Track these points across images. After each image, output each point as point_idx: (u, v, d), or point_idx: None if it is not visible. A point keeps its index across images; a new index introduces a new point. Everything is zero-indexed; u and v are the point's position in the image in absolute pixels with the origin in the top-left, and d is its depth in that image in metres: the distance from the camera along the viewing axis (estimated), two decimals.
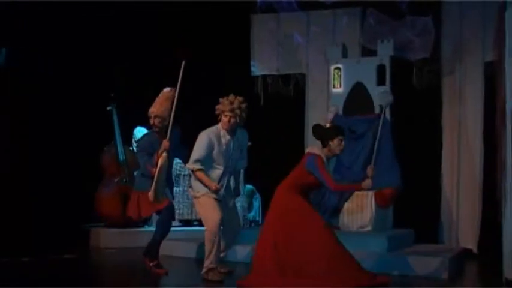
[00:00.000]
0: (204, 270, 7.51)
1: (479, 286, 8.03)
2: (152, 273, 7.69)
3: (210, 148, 7.46)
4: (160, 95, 7.91)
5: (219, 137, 7.53)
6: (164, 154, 7.52)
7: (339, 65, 10.26)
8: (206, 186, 7.44)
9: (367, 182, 7.09)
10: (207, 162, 7.48)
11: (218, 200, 7.50)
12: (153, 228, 10.55)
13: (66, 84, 10.75)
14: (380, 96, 8.06)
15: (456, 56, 10.10)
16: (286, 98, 11.21)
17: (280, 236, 6.94)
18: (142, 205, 7.73)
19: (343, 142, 7.16)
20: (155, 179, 7.48)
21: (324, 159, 7.09)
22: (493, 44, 8.94)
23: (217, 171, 7.52)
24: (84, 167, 10.70)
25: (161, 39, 11.35)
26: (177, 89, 7.60)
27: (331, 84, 10.32)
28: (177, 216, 10.84)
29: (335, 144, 7.14)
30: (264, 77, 11.28)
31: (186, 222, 10.91)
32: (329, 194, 9.20)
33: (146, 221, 10.91)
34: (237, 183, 7.99)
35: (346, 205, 9.38)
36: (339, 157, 8.15)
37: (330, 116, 9.61)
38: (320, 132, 7.21)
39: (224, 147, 7.52)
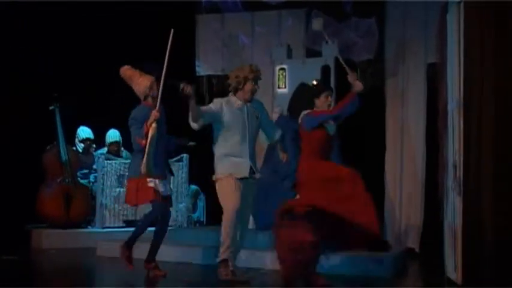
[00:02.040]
0: (218, 259, 7.33)
1: (422, 285, 8.12)
2: (151, 276, 7.60)
3: (219, 108, 7.39)
4: (129, 71, 7.83)
5: (231, 103, 7.44)
6: (154, 125, 7.36)
7: (284, 66, 10.28)
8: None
9: (358, 84, 7.20)
10: (220, 131, 7.41)
11: (241, 180, 7.32)
12: (95, 230, 10.58)
13: (8, 83, 10.59)
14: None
15: (399, 58, 10.20)
16: None
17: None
18: (140, 192, 7.56)
19: (329, 98, 7.21)
20: (146, 151, 7.33)
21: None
22: (435, 45, 9.06)
23: (236, 138, 7.38)
24: (25, 166, 10.54)
25: (105, 38, 11.25)
26: (166, 59, 7.50)
27: (276, 85, 10.34)
28: (120, 217, 10.79)
29: (322, 101, 7.18)
30: (209, 77, 11.25)
31: (130, 223, 10.81)
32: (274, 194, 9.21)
33: (89, 222, 10.81)
34: (278, 155, 7.80)
35: None
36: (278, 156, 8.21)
37: (275, 116, 9.62)
38: (305, 93, 7.24)
39: (238, 112, 7.41)
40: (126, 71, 7.88)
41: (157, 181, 7.58)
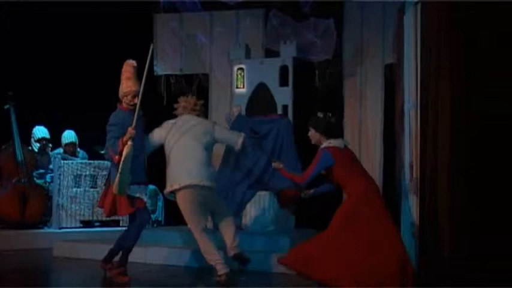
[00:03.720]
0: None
1: None
2: (115, 281, 7.34)
3: None
4: (128, 68, 7.46)
5: None
6: (129, 142, 7.07)
7: (242, 66, 10.27)
8: None
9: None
10: None
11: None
12: (52, 230, 10.46)
13: None
14: None
15: (357, 58, 10.26)
16: None
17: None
18: (119, 203, 7.27)
19: None
20: (119, 170, 7.01)
21: None
22: (392, 46, 9.14)
23: None
24: None
25: (62, 37, 11.17)
26: (145, 72, 7.28)
27: (235, 85, 10.34)
28: (77, 217, 10.68)
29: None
30: (167, 76, 11.21)
31: (87, 223, 10.73)
32: (232, 194, 9.19)
33: (45, 223, 10.69)
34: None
35: (248, 206, 9.40)
36: (239, 158, 8.18)
37: (233, 116, 9.60)
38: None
39: None
40: (128, 65, 7.51)
41: (142, 187, 7.43)
